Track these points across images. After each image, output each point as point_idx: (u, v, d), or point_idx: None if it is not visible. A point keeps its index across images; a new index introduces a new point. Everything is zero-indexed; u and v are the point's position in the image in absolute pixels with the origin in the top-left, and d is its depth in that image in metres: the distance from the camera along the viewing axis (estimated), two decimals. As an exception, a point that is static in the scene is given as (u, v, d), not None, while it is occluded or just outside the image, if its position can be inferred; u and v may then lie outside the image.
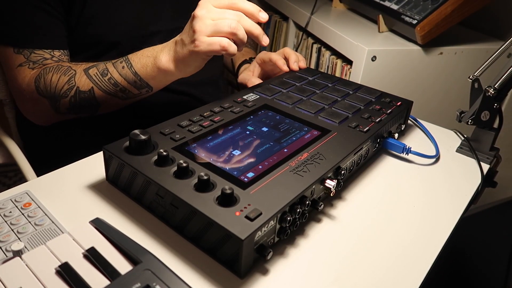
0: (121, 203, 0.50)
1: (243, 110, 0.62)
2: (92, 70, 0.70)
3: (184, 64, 0.64)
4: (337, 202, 0.54)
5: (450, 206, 0.55)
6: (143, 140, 0.49)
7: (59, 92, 0.70)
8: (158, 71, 0.66)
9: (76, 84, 0.69)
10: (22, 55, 0.71)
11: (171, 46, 0.65)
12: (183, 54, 0.62)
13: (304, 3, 1.39)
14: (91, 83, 0.69)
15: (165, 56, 0.65)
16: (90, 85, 0.69)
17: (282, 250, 0.45)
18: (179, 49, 0.63)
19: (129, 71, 0.68)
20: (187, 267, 0.42)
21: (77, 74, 0.70)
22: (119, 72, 0.69)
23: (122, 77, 0.69)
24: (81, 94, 0.70)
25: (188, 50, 0.61)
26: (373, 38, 1.14)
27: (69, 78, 0.69)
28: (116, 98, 0.71)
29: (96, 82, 0.69)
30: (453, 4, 1.05)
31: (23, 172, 0.79)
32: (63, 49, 0.74)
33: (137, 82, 0.69)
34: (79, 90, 0.70)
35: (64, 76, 0.70)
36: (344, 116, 0.62)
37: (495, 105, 0.64)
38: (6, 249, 0.42)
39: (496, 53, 0.68)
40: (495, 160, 0.67)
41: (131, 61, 0.68)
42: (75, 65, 0.72)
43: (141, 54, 0.68)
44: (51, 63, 0.72)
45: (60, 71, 0.70)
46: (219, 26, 0.58)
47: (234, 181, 0.45)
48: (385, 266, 0.45)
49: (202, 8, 0.60)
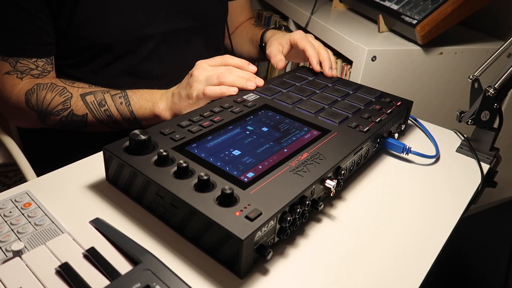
0: (121, 203, 0.50)
1: (243, 110, 0.62)
2: (90, 97, 0.72)
3: (179, 113, 0.68)
4: (337, 202, 0.54)
5: (450, 206, 0.55)
6: (143, 140, 0.49)
7: (51, 110, 0.72)
8: (154, 116, 0.71)
9: (72, 107, 0.72)
10: (8, 63, 0.72)
11: (168, 96, 0.71)
12: (179, 106, 0.68)
13: (304, 3, 1.39)
14: (87, 110, 0.72)
15: (163, 104, 0.70)
16: (85, 111, 0.72)
17: (282, 250, 0.45)
18: (176, 100, 0.69)
19: (126, 109, 0.72)
20: (187, 267, 0.42)
21: (73, 97, 0.72)
22: (116, 106, 0.72)
23: (119, 112, 0.72)
24: (73, 117, 0.72)
25: (184, 103, 0.67)
26: (373, 38, 1.14)
27: (65, 100, 0.72)
28: (106, 126, 0.74)
29: (91, 110, 0.72)
30: (453, 4, 1.05)
31: (23, 172, 0.79)
32: (47, 57, 0.75)
33: (131, 119, 0.73)
34: (73, 113, 0.72)
35: (59, 97, 0.72)
36: (344, 116, 0.62)
37: (495, 105, 0.64)
38: (6, 249, 0.42)
39: (496, 53, 0.68)
40: (495, 160, 0.67)
41: (130, 100, 0.72)
42: (71, 87, 0.73)
43: (140, 96, 0.72)
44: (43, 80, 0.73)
45: (55, 91, 0.72)
46: (209, 80, 0.66)
47: (234, 181, 0.45)
48: (385, 266, 0.45)
49: (198, 67, 0.68)
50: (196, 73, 0.67)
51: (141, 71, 0.82)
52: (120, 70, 0.80)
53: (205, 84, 0.66)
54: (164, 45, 0.83)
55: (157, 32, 0.81)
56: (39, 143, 0.89)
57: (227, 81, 0.66)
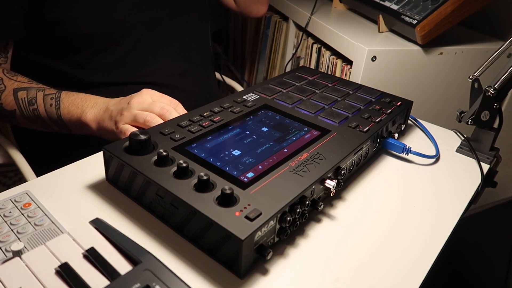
0: (121, 203, 0.50)
1: (243, 110, 0.62)
2: (22, 93, 0.70)
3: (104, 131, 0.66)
4: (337, 202, 0.54)
5: (450, 206, 0.55)
6: (143, 140, 0.49)
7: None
8: (80, 124, 0.68)
9: (1, 100, 0.70)
10: None
11: (101, 108, 0.67)
12: (105, 126, 0.65)
13: (304, 3, 1.39)
14: (16, 106, 0.70)
15: (92, 114, 0.67)
16: (14, 107, 0.70)
17: (282, 250, 0.45)
18: (106, 118, 0.65)
19: (54, 111, 0.69)
20: (187, 267, 0.42)
21: (6, 91, 0.70)
22: (45, 108, 0.69)
23: (47, 113, 0.70)
24: (2, 111, 0.71)
25: (109, 126, 0.65)
26: (373, 38, 1.14)
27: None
28: (36, 125, 0.73)
29: (20, 107, 0.70)
30: (453, 4, 1.05)
31: (22, 173, 0.79)
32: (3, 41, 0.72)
33: (59, 123, 0.70)
34: (2, 107, 0.70)
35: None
36: (344, 116, 0.62)
37: (495, 105, 0.64)
38: (6, 249, 0.42)
39: (496, 53, 0.68)
40: (495, 160, 0.67)
41: (61, 103, 0.69)
42: (8, 79, 0.71)
43: (72, 101, 0.69)
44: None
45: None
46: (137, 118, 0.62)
47: (234, 181, 0.45)
48: (385, 266, 0.45)
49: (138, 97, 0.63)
50: (134, 104, 0.63)
51: (129, 62, 0.81)
52: (108, 62, 0.80)
53: (131, 118, 0.62)
54: (148, 35, 0.82)
55: (138, 21, 0.80)
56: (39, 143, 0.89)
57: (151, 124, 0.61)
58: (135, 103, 0.63)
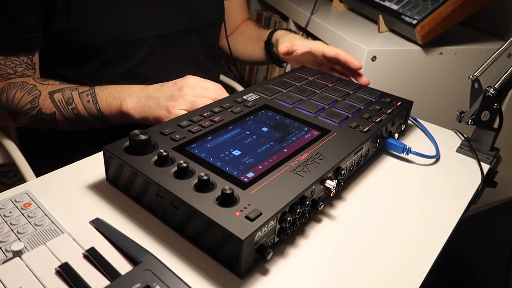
0: (121, 203, 0.50)
1: (243, 110, 0.62)
2: (58, 95, 0.70)
3: (148, 118, 0.66)
4: (337, 202, 0.54)
5: (450, 206, 0.55)
6: (143, 140, 0.49)
7: (20, 109, 0.71)
8: (121, 115, 0.68)
9: (40, 105, 0.70)
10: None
11: (141, 96, 0.67)
12: (153, 113, 0.65)
13: (304, 3, 1.39)
14: (54, 108, 0.70)
15: (131, 103, 0.67)
16: (53, 110, 0.70)
17: (282, 250, 0.45)
18: (152, 105, 0.65)
19: (93, 107, 0.69)
20: (187, 267, 0.42)
21: (42, 96, 0.70)
22: (83, 105, 0.70)
23: (86, 110, 0.70)
24: (42, 115, 0.71)
25: (159, 113, 0.64)
26: (373, 38, 1.14)
27: (33, 99, 0.70)
28: (77, 125, 0.73)
29: (59, 108, 0.70)
30: (453, 4, 1.05)
31: (22, 173, 0.79)
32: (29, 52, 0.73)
33: (99, 118, 0.70)
34: (41, 111, 0.71)
35: (28, 95, 0.70)
36: (344, 116, 0.62)
37: (495, 105, 0.64)
38: (6, 249, 0.42)
39: (496, 53, 0.68)
40: (495, 160, 0.67)
41: (97, 97, 0.69)
42: (41, 85, 0.72)
43: (108, 93, 0.69)
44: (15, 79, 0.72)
45: (24, 89, 0.70)
46: (195, 104, 0.63)
47: (234, 181, 0.45)
48: (385, 266, 0.45)
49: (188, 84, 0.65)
50: (186, 91, 0.64)
51: (138, 75, 0.81)
52: (115, 74, 0.79)
53: (189, 105, 0.63)
54: (159, 48, 0.82)
55: (151, 36, 0.80)
56: (39, 143, 0.89)
57: None
58: (188, 89, 0.64)
